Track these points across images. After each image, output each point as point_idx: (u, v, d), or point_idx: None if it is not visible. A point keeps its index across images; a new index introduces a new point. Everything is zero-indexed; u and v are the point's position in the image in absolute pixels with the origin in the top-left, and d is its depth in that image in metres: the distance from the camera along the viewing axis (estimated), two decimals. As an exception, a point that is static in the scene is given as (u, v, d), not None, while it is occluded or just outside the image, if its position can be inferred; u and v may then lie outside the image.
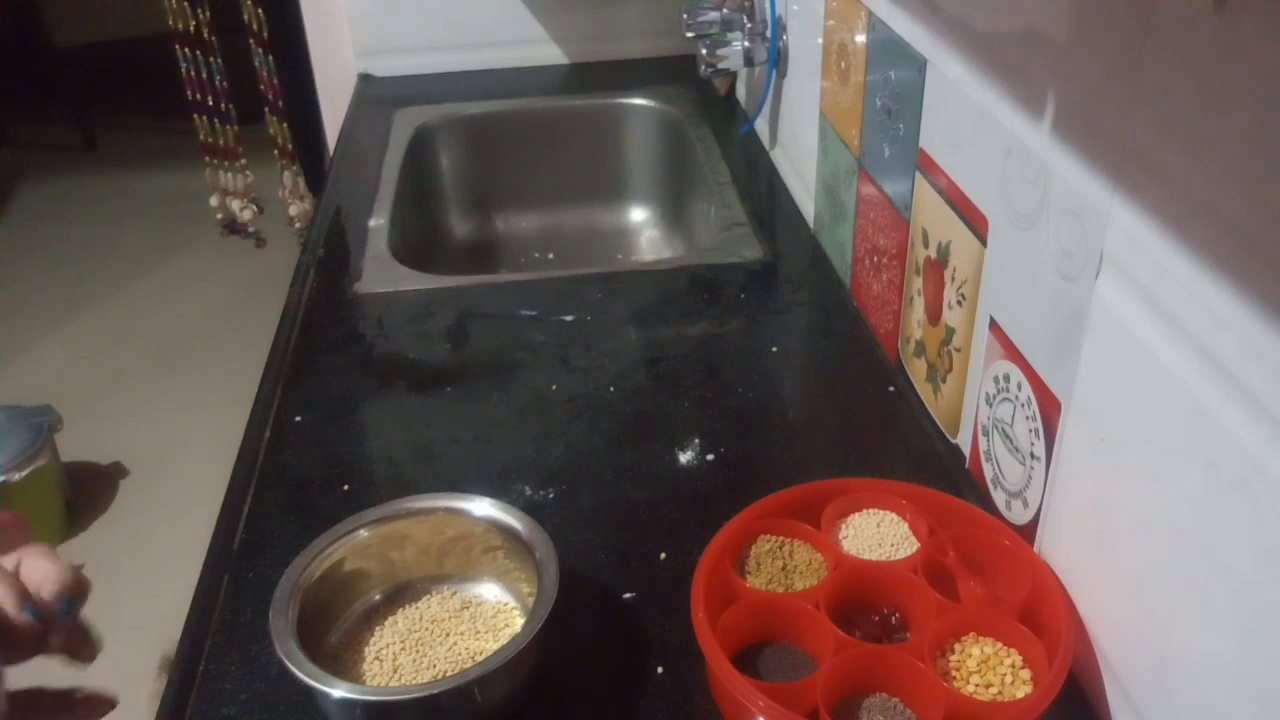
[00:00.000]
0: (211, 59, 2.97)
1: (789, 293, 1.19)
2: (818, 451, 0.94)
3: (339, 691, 0.64)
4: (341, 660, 0.73)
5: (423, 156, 1.58)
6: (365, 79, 1.79)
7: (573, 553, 0.83)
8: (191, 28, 2.91)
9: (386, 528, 0.76)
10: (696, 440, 0.94)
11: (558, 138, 1.66)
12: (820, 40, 1.17)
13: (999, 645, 0.69)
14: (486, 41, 1.78)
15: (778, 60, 1.36)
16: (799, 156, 1.32)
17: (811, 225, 1.28)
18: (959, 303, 0.86)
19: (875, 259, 1.05)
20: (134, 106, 3.95)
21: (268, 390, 1.03)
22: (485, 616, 0.76)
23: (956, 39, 0.82)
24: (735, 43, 1.40)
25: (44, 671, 0.58)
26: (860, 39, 1.03)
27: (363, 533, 0.75)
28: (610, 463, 0.93)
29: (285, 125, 2.99)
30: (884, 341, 1.05)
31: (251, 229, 3.25)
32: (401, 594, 0.78)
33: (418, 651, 0.73)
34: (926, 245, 0.91)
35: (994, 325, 0.80)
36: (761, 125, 1.50)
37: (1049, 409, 0.72)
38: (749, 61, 1.40)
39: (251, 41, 2.86)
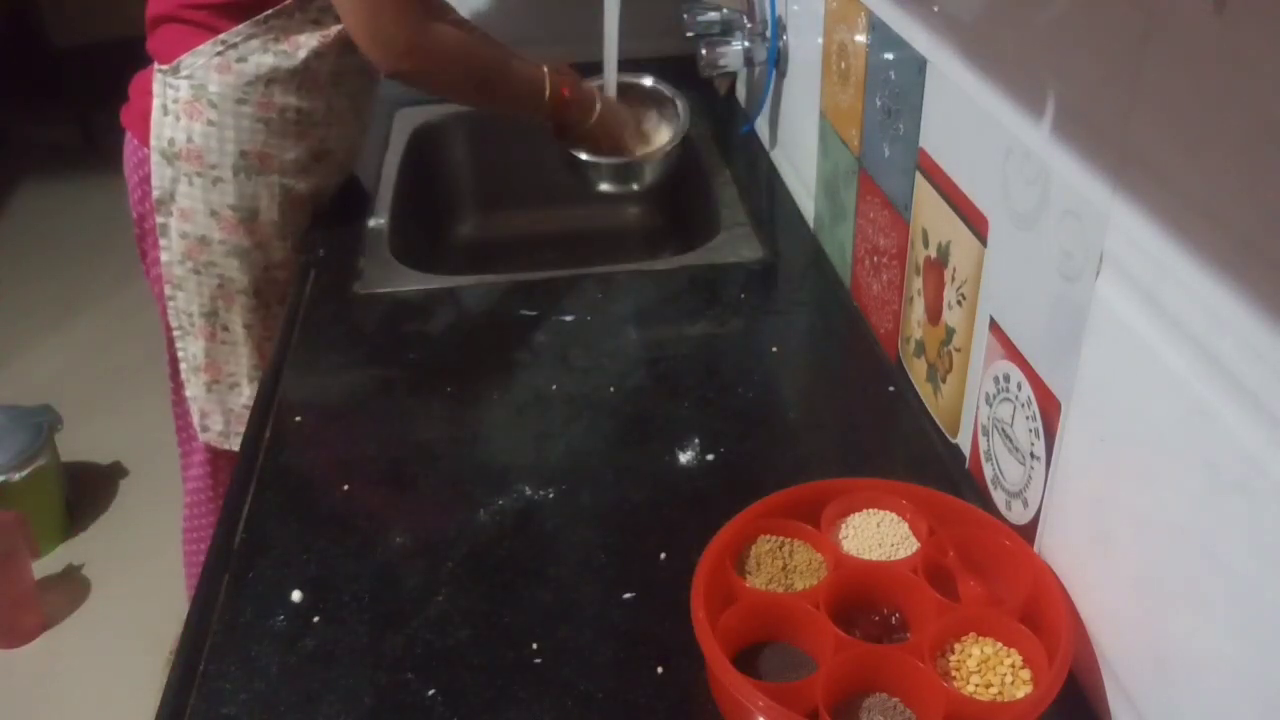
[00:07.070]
0: (211, 59, 2.97)
1: (789, 293, 1.19)
2: (818, 451, 0.94)
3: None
4: None
5: (423, 156, 1.58)
6: (365, 79, 1.79)
7: (573, 552, 0.83)
8: (191, 28, 2.91)
9: None
10: (696, 440, 0.94)
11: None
12: (820, 40, 1.17)
13: (999, 645, 0.69)
14: (486, 41, 1.78)
15: (778, 60, 1.36)
16: (799, 156, 1.32)
17: (811, 225, 1.28)
18: (959, 303, 0.86)
19: (875, 259, 1.05)
20: (134, 106, 3.95)
21: (268, 390, 1.03)
22: None
23: (956, 39, 0.82)
24: (735, 43, 1.40)
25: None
26: (860, 39, 1.03)
27: None
28: (610, 463, 0.93)
29: (285, 125, 2.99)
30: (884, 341, 1.05)
31: (251, 229, 3.24)
32: None
33: None
34: (926, 245, 0.91)
35: (994, 325, 0.80)
36: (761, 125, 1.50)
37: (1049, 409, 0.72)
38: (749, 61, 1.40)
39: (251, 41, 2.86)
